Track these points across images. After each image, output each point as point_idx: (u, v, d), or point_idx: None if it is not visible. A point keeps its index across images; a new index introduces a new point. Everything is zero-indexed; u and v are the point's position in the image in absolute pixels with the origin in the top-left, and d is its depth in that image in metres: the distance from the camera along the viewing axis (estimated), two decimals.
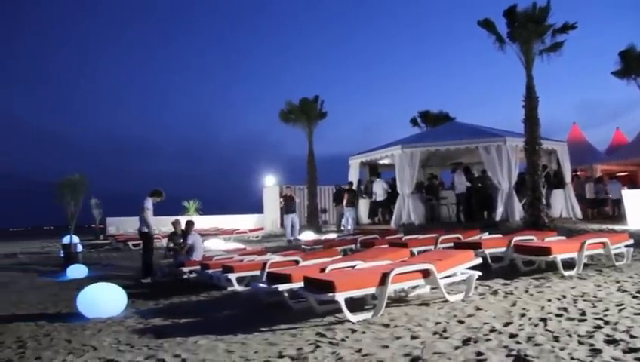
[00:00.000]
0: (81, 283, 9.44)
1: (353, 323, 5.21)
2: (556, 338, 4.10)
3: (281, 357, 4.17)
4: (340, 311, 5.45)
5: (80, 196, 13.86)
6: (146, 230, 10.48)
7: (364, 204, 19.45)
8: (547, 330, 4.40)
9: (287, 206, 18.91)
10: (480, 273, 6.53)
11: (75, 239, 14.00)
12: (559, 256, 7.40)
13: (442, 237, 10.26)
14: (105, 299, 6.87)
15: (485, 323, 4.82)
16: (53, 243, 24.53)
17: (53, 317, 6.93)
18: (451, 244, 9.53)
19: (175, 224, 11.88)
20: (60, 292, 9.22)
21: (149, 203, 10.50)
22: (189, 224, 11.13)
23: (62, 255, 14.62)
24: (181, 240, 11.22)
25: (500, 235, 10.25)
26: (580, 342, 3.96)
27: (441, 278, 5.97)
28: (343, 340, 4.59)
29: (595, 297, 5.76)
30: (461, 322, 4.97)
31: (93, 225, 26.10)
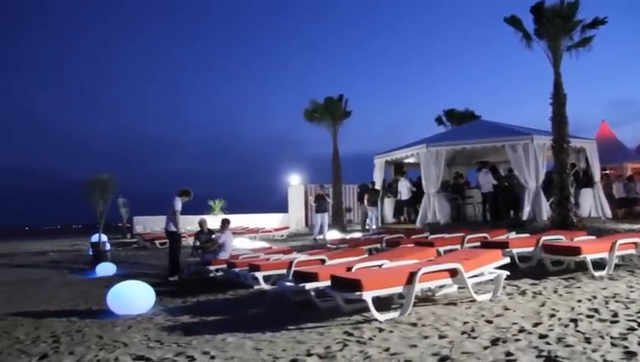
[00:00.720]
0: (109, 281, 9.61)
1: (380, 322, 5.21)
2: (588, 340, 4.04)
3: (309, 355, 4.19)
4: (366, 310, 5.46)
5: (108, 195, 14.13)
6: (173, 229, 10.60)
7: (389, 203, 19.35)
8: (578, 331, 4.34)
9: (319, 205, 18.96)
10: (508, 272, 6.47)
11: (104, 238, 14.24)
12: (589, 256, 7.28)
13: (469, 237, 10.18)
14: (134, 297, 6.98)
15: (514, 324, 4.77)
16: (82, 241, 24.96)
17: (84, 314, 7.06)
18: (478, 244, 9.46)
19: (202, 223, 12.00)
20: (90, 290, 9.39)
21: (179, 203, 10.61)
22: (225, 222, 11.22)
23: (91, 253, 14.89)
24: (208, 239, 11.33)
25: (527, 235, 10.13)
26: (612, 344, 3.89)
27: (468, 278, 5.93)
28: (370, 339, 4.59)
29: (627, 298, 5.66)
30: (489, 322, 4.93)
31: (120, 224, 26.46)
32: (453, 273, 5.84)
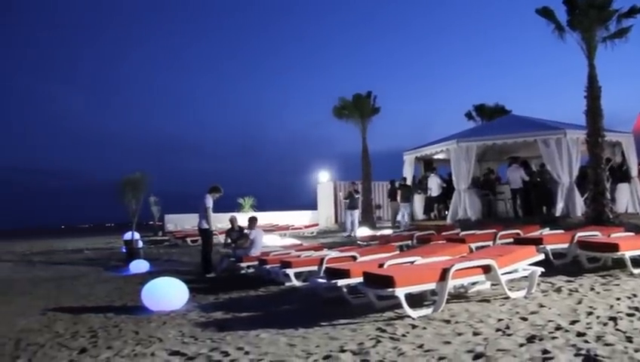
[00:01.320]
0: (143, 278, 9.77)
1: (413, 318, 5.19)
2: (629, 339, 3.95)
3: (342, 351, 4.19)
4: (399, 306, 5.44)
5: (141, 194, 14.37)
6: (205, 226, 10.72)
7: (419, 200, 19.23)
8: (618, 330, 4.25)
9: (351, 201, 18.95)
10: (542, 269, 6.37)
11: (137, 235, 14.48)
12: (628, 253, 7.11)
13: (501, 233, 10.04)
14: (168, 293, 7.07)
15: (550, 321, 4.70)
16: (115, 239, 25.46)
17: (119, 310, 7.20)
18: (511, 240, 9.32)
19: (232, 220, 12.11)
20: (124, 286, 9.56)
21: (210, 200, 10.73)
22: (252, 220, 11.29)
23: (124, 250, 15.15)
24: (239, 236, 11.42)
25: (561, 231, 9.94)
26: None
27: (502, 274, 5.86)
28: (403, 335, 4.58)
29: None
30: (524, 319, 4.87)
31: (151, 222, 26.86)
32: (487, 269, 5.77)
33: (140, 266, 11.92)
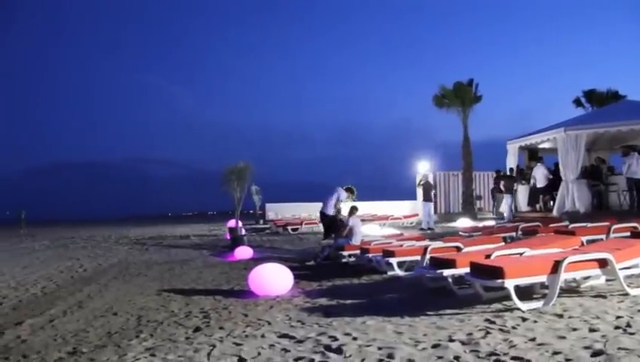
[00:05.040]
0: (247, 264, 10.18)
1: (523, 311, 5.06)
2: None
3: (451, 340, 4.19)
4: (507, 298, 5.33)
5: (245, 182, 14.95)
6: (330, 212, 11.82)
7: (523, 191, 18.49)
8: None
9: (425, 193, 18.67)
10: None
11: (240, 223, 15.06)
12: None
13: (615, 226, 9.43)
14: (274, 279, 7.30)
15: None
16: (218, 226, 26.66)
17: (227, 293, 7.56)
18: (627, 234, 8.76)
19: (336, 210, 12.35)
20: (230, 271, 9.99)
21: (343, 194, 12.07)
22: (353, 209, 11.43)
23: (228, 237, 15.82)
24: (340, 224, 11.61)
25: None
26: None
27: (620, 269, 5.56)
28: (514, 328, 4.49)
29: None
30: None
31: (252, 211, 27.75)
32: (603, 263, 5.49)
33: (244, 252, 12.36)
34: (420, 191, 18.94)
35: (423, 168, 26.27)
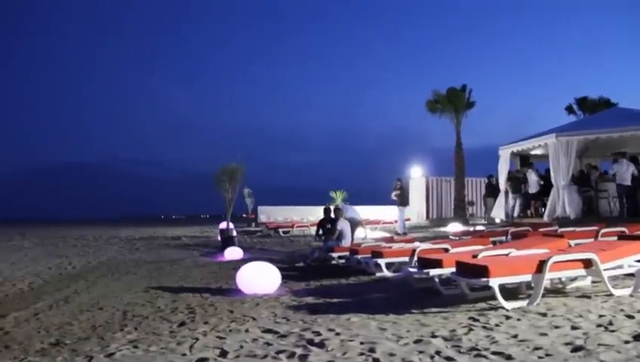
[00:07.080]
0: (237, 264, 10.15)
1: (507, 310, 5.09)
2: None
3: (434, 336, 4.20)
4: (492, 298, 5.36)
5: (237, 184, 14.94)
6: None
7: (513, 197, 18.52)
8: None
9: (402, 198, 18.53)
10: None
11: (231, 225, 15.04)
12: None
13: (603, 231, 9.49)
14: (261, 277, 7.31)
15: None
16: (210, 228, 26.60)
17: (215, 291, 7.56)
18: (614, 238, 8.79)
19: (326, 211, 12.33)
20: (219, 271, 9.99)
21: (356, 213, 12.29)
22: (337, 210, 11.45)
23: (219, 239, 15.81)
24: (329, 226, 11.60)
25: None
26: None
27: (604, 270, 5.59)
28: (497, 325, 4.51)
29: None
30: (630, 317, 4.62)
31: (245, 215, 27.68)
32: (588, 264, 5.52)
33: (234, 253, 12.35)
34: (396, 196, 18.56)
35: (416, 173, 26.38)
